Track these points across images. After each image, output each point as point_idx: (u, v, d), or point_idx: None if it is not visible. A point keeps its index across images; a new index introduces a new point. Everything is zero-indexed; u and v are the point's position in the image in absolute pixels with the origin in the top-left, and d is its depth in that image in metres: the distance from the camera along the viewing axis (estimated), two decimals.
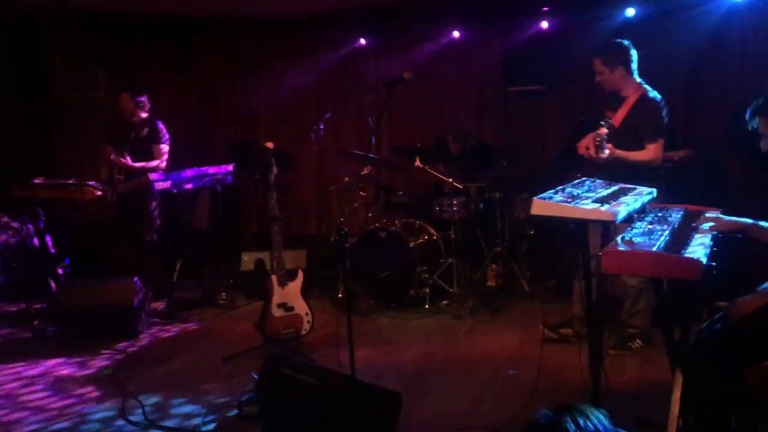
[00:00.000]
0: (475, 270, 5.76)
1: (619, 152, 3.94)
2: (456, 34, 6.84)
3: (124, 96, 5.49)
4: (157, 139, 5.53)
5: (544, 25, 6.41)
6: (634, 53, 4.13)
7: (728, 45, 5.80)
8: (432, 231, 5.63)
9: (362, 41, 7.18)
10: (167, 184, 5.11)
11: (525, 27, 6.51)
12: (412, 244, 5.33)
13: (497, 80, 6.75)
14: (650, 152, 4.04)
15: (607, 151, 3.82)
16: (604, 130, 3.83)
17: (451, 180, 5.50)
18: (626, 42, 4.15)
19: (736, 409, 2.43)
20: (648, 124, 4.06)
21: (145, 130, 5.50)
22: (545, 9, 6.37)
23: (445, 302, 5.41)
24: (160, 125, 5.59)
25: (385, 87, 4.45)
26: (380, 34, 7.08)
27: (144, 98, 5.51)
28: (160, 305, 5.44)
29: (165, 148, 5.56)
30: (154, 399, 3.74)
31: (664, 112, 4.10)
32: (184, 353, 4.56)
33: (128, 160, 5.44)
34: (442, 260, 5.53)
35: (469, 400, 3.61)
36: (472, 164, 5.89)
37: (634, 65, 4.13)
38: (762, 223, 2.75)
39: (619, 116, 4.12)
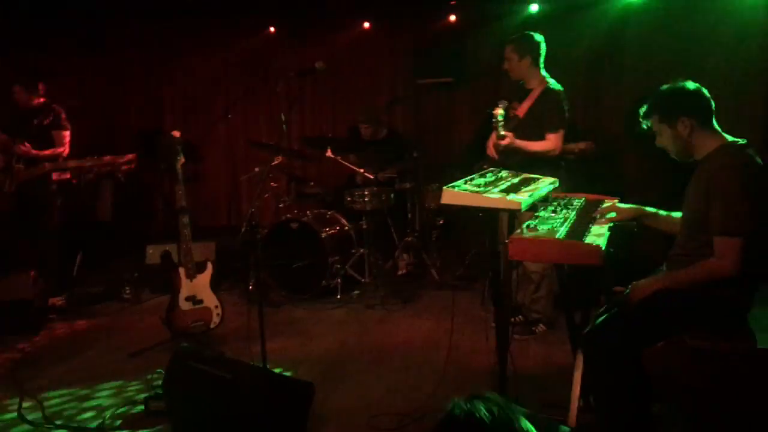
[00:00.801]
0: (387, 260, 5.82)
1: (519, 142, 4.05)
2: (367, 24, 6.86)
3: (16, 88, 5.23)
4: (59, 126, 5.27)
5: (452, 18, 6.54)
6: (543, 48, 4.25)
7: (625, 42, 6.11)
8: (344, 221, 5.64)
9: (272, 30, 7.08)
10: (67, 174, 4.90)
11: (434, 19, 6.63)
12: (323, 235, 5.32)
13: (407, 72, 6.83)
14: (550, 142, 4.15)
15: (502, 133, 3.90)
16: (499, 110, 3.92)
17: (362, 171, 5.52)
18: (539, 36, 4.26)
19: (633, 388, 2.55)
20: (549, 114, 4.17)
21: (48, 117, 5.23)
22: (452, 2, 6.49)
23: (357, 292, 5.43)
24: (62, 111, 5.33)
25: (296, 76, 4.40)
26: (290, 24, 7.01)
27: (39, 85, 5.25)
28: (59, 301, 5.20)
29: (67, 134, 5.31)
30: (53, 398, 3.58)
31: (565, 104, 4.24)
32: (86, 350, 4.38)
33: (29, 148, 5.16)
34: (353, 250, 5.55)
35: (382, 387, 3.65)
36: (383, 155, 5.93)
37: (542, 59, 4.26)
38: (651, 209, 2.93)
39: (523, 107, 4.25)
